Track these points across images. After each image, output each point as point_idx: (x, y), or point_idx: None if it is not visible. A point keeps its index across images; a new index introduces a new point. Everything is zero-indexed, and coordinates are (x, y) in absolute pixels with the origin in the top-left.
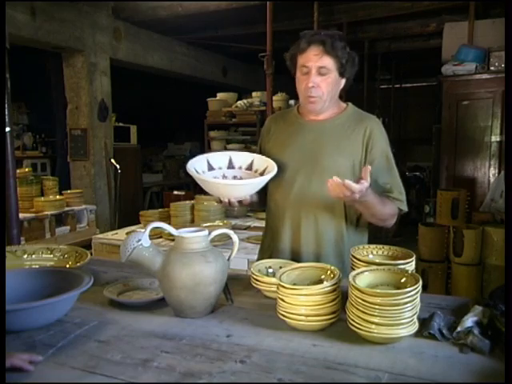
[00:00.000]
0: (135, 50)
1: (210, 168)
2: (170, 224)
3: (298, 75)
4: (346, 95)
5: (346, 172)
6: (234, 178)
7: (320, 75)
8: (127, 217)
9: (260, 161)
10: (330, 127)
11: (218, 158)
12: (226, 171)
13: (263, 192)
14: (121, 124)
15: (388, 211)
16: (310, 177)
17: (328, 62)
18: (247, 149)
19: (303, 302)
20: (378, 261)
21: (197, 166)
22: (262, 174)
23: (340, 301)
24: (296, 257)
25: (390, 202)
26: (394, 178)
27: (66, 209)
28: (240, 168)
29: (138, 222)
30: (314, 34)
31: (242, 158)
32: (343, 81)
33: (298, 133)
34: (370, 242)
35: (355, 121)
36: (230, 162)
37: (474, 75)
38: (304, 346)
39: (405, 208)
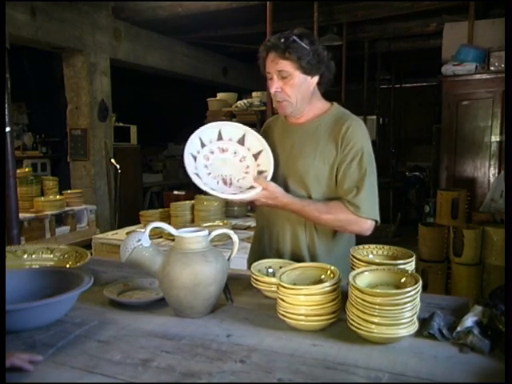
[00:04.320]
0: (135, 50)
1: (203, 145)
2: (169, 224)
3: (268, 81)
4: (345, 95)
5: (323, 176)
6: (223, 150)
7: (282, 79)
8: (127, 217)
9: (253, 139)
10: (310, 130)
11: (208, 131)
12: (215, 143)
13: None
14: (121, 124)
15: (332, 218)
16: (287, 180)
17: (285, 65)
18: None
19: (303, 301)
20: (377, 261)
21: (191, 148)
22: (255, 156)
23: (340, 301)
24: (276, 257)
25: (340, 209)
26: (361, 183)
27: (66, 209)
28: (230, 140)
29: (138, 222)
30: (270, 40)
31: (233, 129)
32: (314, 78)
33: (282, 137)
34: (370, 242)
35: (334, 123)
36: (220, 134)
37: (474, 75)
38: (304, 345)
39: (366, 215)
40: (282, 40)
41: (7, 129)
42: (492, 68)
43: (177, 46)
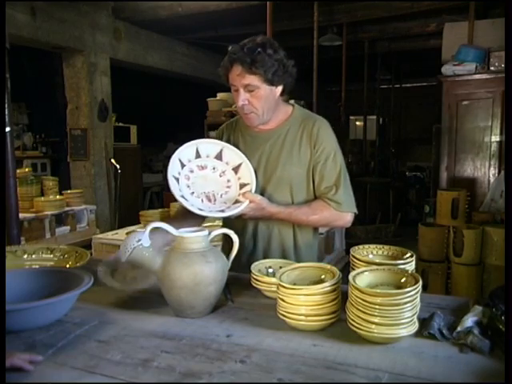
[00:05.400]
0: (135, 50)
1: (182, 165)
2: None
3: (232, 93)
4: (345, 95)
5: (300, 181)
6: (202, 168)
7: (248, 92)
8: (127, 217)
9: (231, 153)
10: (281, 135)
11: (186, 151)
12: (194, 162)
13: None
14: (121, 124)
15: (318, 218)
16: (267, 189)
17: (251, 79)
18: None
19: (303, 301)
20: (378, 261)
21: (173, 171)
22: (235, 170)
23: (340, 301)
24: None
25: (325, 208)
26: (338, 181)
27: (66, 209)
28: (208, 157)
29: (138, 222)
30: (235, 52)
31: (210, 146)
32: (279, 88)
33: (252, 145)
34: (370, 242)
35: (303, 125)
36: (197, 152)
37: (474, 75)
38: (304, 345)
39: (347, 209)
40: (248, 52)
41: (7, 129)
42: (492, 68)
43: (177, 46)
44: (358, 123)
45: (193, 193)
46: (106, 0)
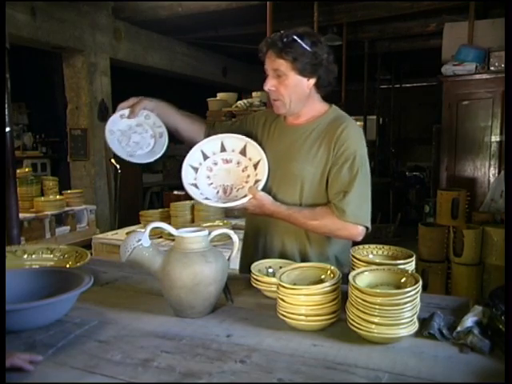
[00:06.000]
0: (135, 50)
1: (205, 157)
2: (170, 224)
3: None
4: (345, 95)
5: (312, 180)
6: (227, 161)
7: (277, 78)
8: (127, 217)
9: (254, 149)
10: (306, 132)
11: (210, 143)
12: (219, 155)
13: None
14: None
15: (317, 224)
16: (277, 182)
17: (280, 63)
18: None
19: (303, 301)
20: (378, 261)
21: (192, 160)
22: (255, 166)
23: (340, 301)
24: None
25: (326, 214)
26: (349, 187)
27: (66, 209)
28: (233, 151)
29: (138, 222)
30: (271, 37)
31: (235, 141)
32: (311, 80)
33: (278, 137)
34: (370, 242)
35: (330, 125)
36: (223, 146)
37: (474, 75)
38: (304, 345)
39: (352, 219)
40: (282, 39)
41: (7, 129)
42: (492, 68)
43: (177, 46)
44: (358, 123)
45: (211, 183)
46: (106, 0)
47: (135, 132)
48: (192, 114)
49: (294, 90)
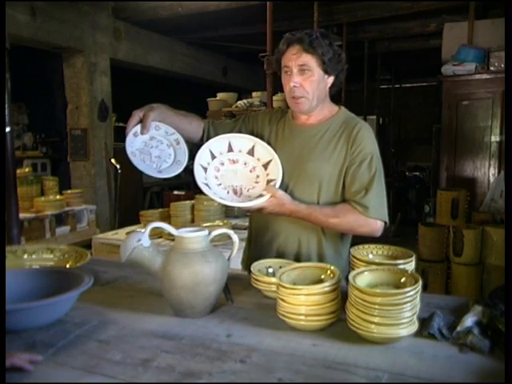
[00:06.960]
0: (135, 50)
1: (213, 157)
2: (169, 224)
3: (283, 77)
4: (345, 95)
5: (329, 179)
6: (233, 162)
7: (302, 74)
8: (127, 217)
9: (263, 149)
10: (320, 132)
11: (217, 143)
12: (225, 155)
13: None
14: (121, 124)
15: (339, 221)
16: (294, 182)
17: (308, 59)
18: None
19: (303, 301)
20: (377, 261)
21: (201, 160)
22: (265, 166)
23: (339, 301)
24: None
25: (348, 211)
26: (370, 185)
27: (66, 209)
28: (240, 151)
29: (138, 222)
30: (293, 34)
31: (243, 141)
32: (330, 79)
33: (289, 137)
34: (370, 241)
35: (344, 126)
36: (230, 146)
37: (474, 75)
38: (304, 345)
39: (375, 215)
40: (308, 35)
41: (7, 129)
42: (492, 68)
43: (177, 46)
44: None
45: (220, 184)
46: (106, 0)
47: (152, 147)
48: (188, 113)
49: (317, 87)
